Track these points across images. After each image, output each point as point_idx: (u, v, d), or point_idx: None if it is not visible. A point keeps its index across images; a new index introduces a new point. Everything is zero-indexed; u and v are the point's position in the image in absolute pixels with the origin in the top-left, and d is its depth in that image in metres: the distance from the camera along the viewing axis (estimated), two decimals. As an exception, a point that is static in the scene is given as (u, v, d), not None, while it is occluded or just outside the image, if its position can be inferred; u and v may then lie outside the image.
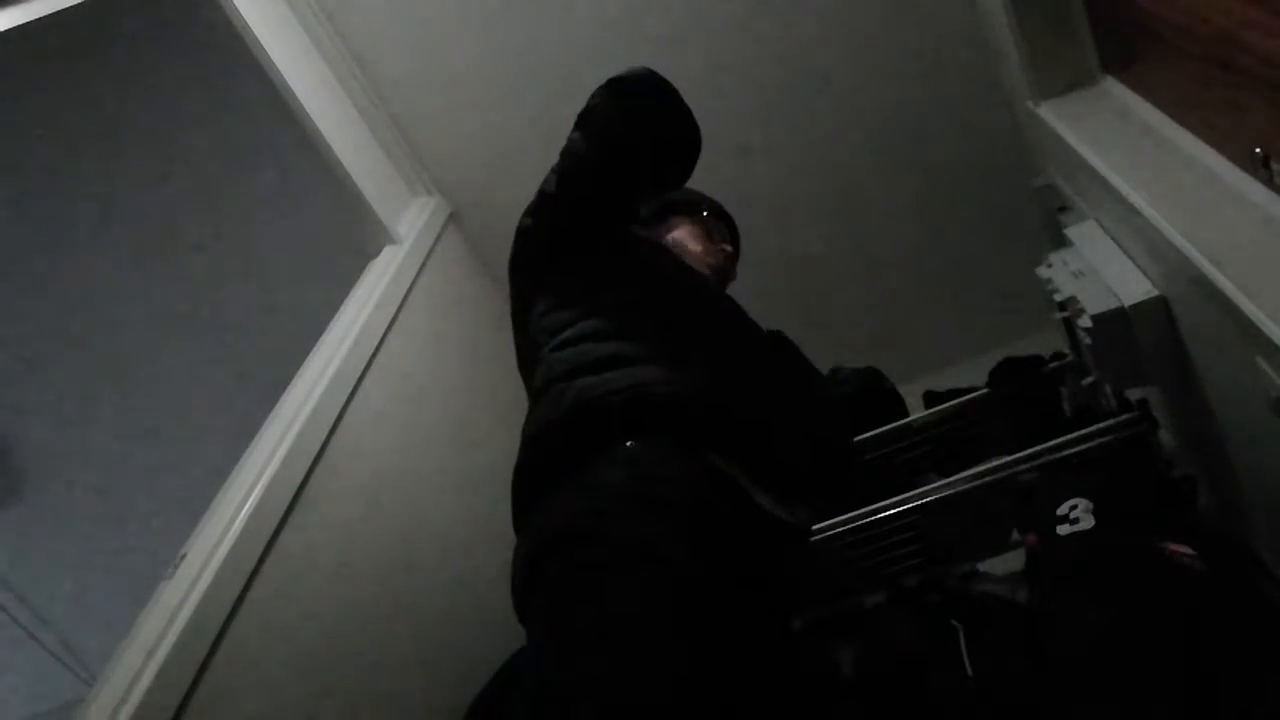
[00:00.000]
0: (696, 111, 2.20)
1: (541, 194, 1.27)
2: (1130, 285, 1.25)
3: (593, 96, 1.26)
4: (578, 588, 0.88)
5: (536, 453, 1.03)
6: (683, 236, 1.45)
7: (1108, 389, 1.62)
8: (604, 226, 1.25)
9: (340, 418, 1.54)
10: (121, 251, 2.30)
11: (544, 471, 1.00)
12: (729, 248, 1.52)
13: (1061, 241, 1.51)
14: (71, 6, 1.70)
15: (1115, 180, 1.25)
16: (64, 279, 2.34)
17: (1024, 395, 1.89)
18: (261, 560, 1.25)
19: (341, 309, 1.79)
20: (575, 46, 2.13)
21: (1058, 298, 1.37)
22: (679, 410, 0.99)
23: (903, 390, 2.15)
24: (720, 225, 1.54)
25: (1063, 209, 1.64)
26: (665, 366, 1.03)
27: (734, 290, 1.56)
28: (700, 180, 2.25)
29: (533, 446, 1.04)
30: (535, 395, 1.09)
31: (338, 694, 1.31)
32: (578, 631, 0.85)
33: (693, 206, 1.54)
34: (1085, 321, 1.27)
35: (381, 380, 1.71)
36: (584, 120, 1.24)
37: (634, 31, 2.11)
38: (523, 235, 1.30)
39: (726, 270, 1.51)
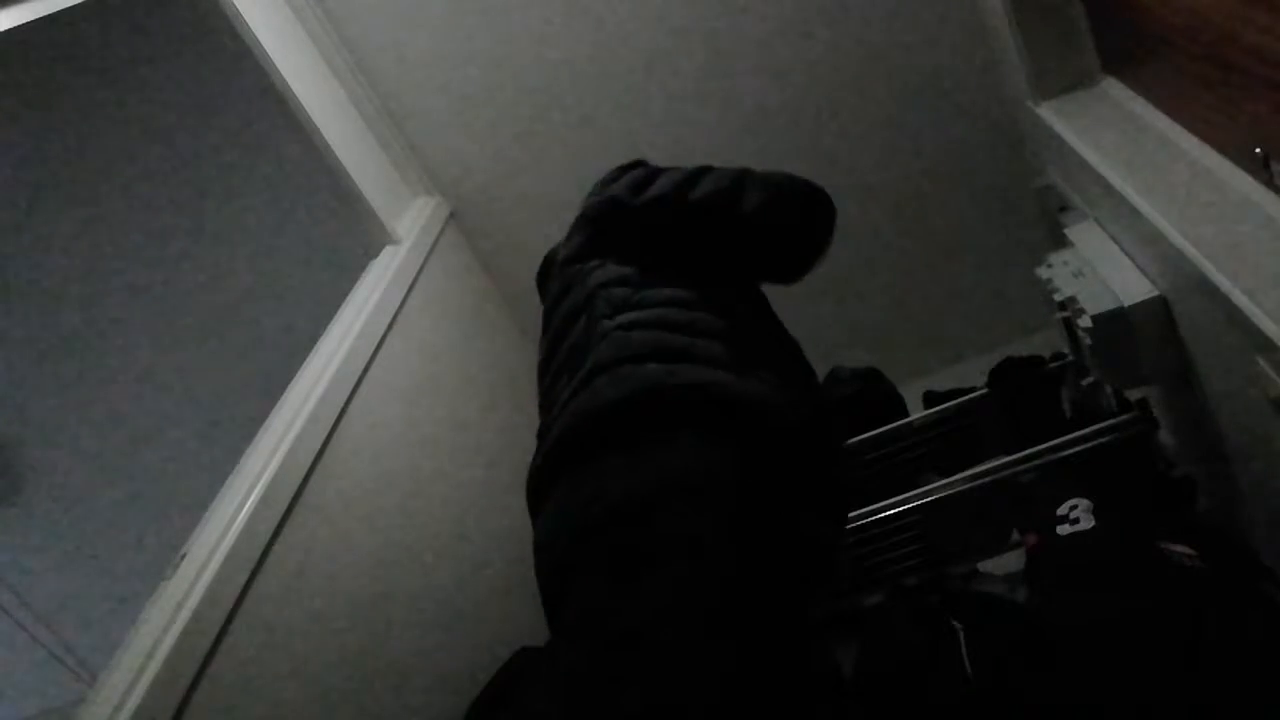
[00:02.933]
0: (697, 117, 2.22)
1: (669, 185, 1.21)
2: (1130, 285, 1.25)
3: (788, 177, 1.24)
4: (623, 577, 0.86)
5: (583, 426, 0.98)
6: None
7: (1108, 389, 1.63)
8: (711, 253, 1.22)
9: (340, 418, 1.54)
10: (121, 252, 2.30)
11: (587, 446, 0.97)
12: None
13: (1061, 241, 1.51)
14: (71, 6, 1.70)
15: (1115, 180, 1.25)
16: (64, 279, 2.34)
17: (1024, 395, 1.90)
18: (261, 560, 1.25)
19: (341, 309, 1.79)
20: (576, 47, 2.13)
21: (1058, 298, 1.37)
22: (743, 415, 0.97)
23: (903, 390, 2.15)
24: None
25: (1063, 209, 1.64)
26: (734, 371, 1.01)
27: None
28: (700, 180, 2.26)
29: (580, 419, 0.99)
30: (590, 372, 1.03)
31: (337, 694, 1.31)
32: (620, 625, 0.83)
33: None
34: (1085, 321, 1.27)
35: (381, 380, 1.71)
36: (771, 183, 1.22)
37: (634, 33, 2.11)
38: (618, 205, 1.23)
39: None
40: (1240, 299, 0.91)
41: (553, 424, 1.04)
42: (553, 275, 1.28)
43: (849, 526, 1.62)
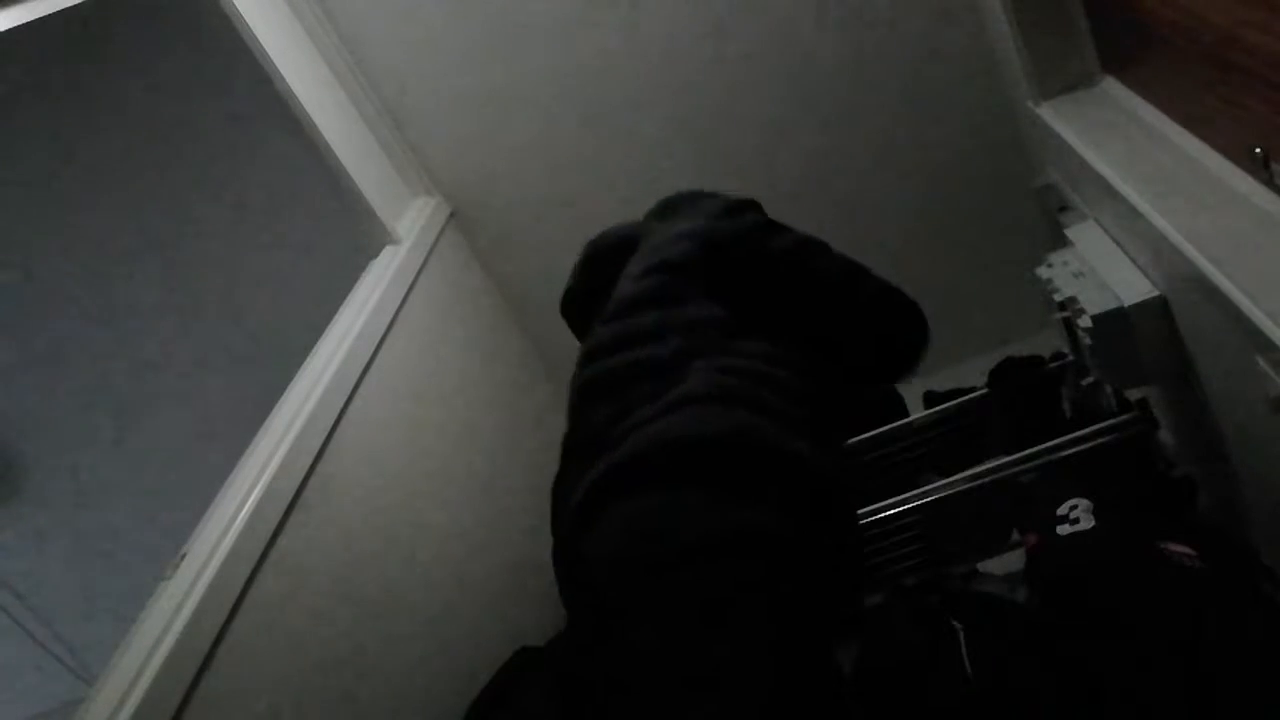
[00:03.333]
0: (698, 117, 2.21)
1: (794, 244, 1.21)
2: (1130, 285, 1.25)
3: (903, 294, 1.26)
4: (706, 620, 0.88)
5: (661, 451, 0.97)
6: None
7: (1108, 389, 1.63)
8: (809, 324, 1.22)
9: (340, 418, 1.54)
10: (121, 252, 2.30)
11: (661, 472, 0.96)
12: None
13: (1061, 241, 1.51)
14: (71, 6, 1.70)
15: (1115, 180, 1.25)
16: (64, 278, 2.34)
17: (1024, 395, 1.90)
18: (261, 560, 1.25)
19: (341, 309, 1.79)
20: (578, 47, 2.13)
21: (1058, 298, 1.37)
22: (817, 485, 0.99)
23: (903, 390, 2.15)
24: None
25: (1063, 209, 1.64)
26: (810, 440, 1.02)
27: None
28: (702, 183, 2.26)
29: (660, 445, 0.98)
30: (681, 398, 1.02)
31: (337, 694, 1.31)
32: (695, 668, 0.86)
33: None
34: (1085, 321, 1.28)
35: (381, 380, 1.71)
36: (888, 288, 1.26)
37: (635, 32, 2.11)
38: (740, 242, 1.22)
39: None
40: (1240, 299, 0.91)
41: (616, 438, 1.02)
42: (626, 264, 1.25)
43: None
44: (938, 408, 1.96)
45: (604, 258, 1.32)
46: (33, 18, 1.61)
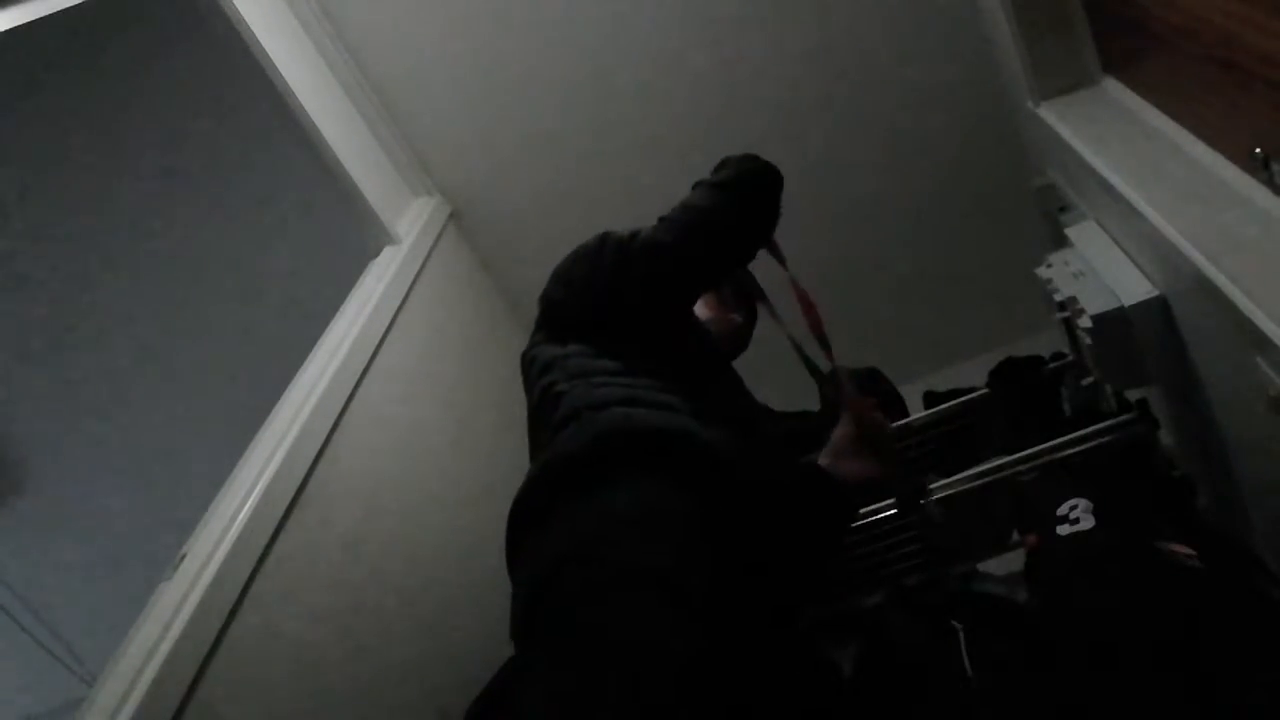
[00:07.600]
0: (698, 115, 2.21)
1: (654, 249, 1.17)
2: (1130, 285, 1.25)
3: (744, 173, 1.26)
4: (580, 612, 0.89)
5: (550, 477, 1.02)
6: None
7: (1108, 389, 1.63)
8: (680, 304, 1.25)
9: (340, 418, 1.54)
10: (122, 251, 2.31)
11: (554, 496, 1.00)
12: (738, 318, 1.52)
13: (1061, 241, 1.51)
14: (71, 6, 1.70)
15: (1115, 180, 1.25)
16: (64, 278, 2.34)
17: (1024, 395, 1.90)
18: (261, 560, 1.25)
19: (341, 309, 1.79)
20: (576, 47, 2.13)
21: (1058, 298, 1.37)
22: (707, 462, 1.01)
23: (903, 390, 2.15)
24: (732, 295, 1.54)
25: (1063, 209, 1.64)
26: (698, 421, 1.05)
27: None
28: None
29: (547, 471, 1.04)
30: (557, 424, 1.09)
31: (337, 695, 1.31)
32: (581, 656, 0.85)
33: None
34: (1085, 321, 1.28)
35: (381, 380, 1.71)
36: (735, 194, 1.24)
37: (636, 33, 2.11)
38: (583, 290, 1.25)
39: (733, 337, 1.50)
40: (1240, 299, 0.91)
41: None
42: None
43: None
44: (938, 408, 1.96)
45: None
46: (33, 17, 1.61)
